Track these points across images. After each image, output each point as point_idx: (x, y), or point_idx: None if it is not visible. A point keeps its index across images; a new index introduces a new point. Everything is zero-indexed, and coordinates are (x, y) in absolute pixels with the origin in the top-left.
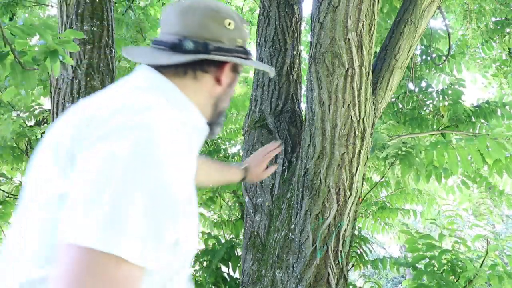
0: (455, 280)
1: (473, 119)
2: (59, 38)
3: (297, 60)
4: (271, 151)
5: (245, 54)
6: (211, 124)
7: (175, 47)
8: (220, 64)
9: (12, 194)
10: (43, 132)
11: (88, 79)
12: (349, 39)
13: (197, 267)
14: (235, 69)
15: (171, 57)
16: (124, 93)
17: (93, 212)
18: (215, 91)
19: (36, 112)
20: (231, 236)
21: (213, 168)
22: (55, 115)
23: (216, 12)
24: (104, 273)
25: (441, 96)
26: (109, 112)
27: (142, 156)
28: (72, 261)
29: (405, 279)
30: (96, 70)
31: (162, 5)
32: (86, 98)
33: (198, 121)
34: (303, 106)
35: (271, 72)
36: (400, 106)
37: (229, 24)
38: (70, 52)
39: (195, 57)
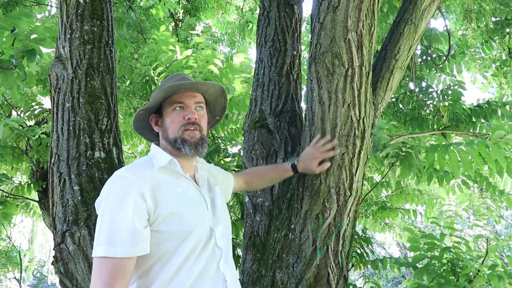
0: (455, 280)
1: (473, 119)
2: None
3: (297, 60)
4: (326, 151)
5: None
6: (178, 148)
7: None
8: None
9: (12, 194)
10: (43, 132)
11: (88, 79)
12: (349, 39)
13: None
14: (156, 115)
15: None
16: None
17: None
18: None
19: (36, 112)
20: None
21: (264, 170)
22: (55, 115)
23: None
24: (106, 264)
25: (441, 96)
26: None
27: (109, 213)
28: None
29: (405, 279)
30: (96, 70)
31: (164, 4)
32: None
33: (161, 159)
34: (303, 106)
35: None
36: (400, 106)
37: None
38: (70, 52)
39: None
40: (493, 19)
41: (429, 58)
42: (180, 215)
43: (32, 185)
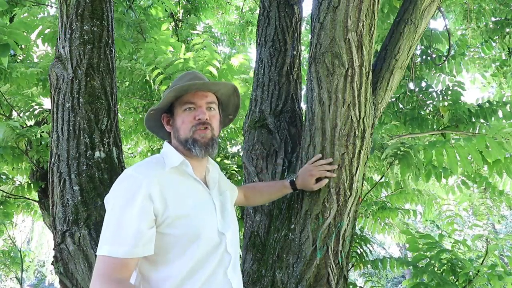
0: (455, 280)
1: (473, 119)
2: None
3: (297, 60)
4: (324, 170)
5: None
6: (189, 149)
7: None
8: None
9: (12, 194)
10: (43, 132)
11: (88, 79)
12: (349, 39)
13: None
14: (168, 115)
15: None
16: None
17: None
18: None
19: (36, 112)
20: None
21: (263, 186)
22: (55, 115)
23: None
24: (104, 262)
25: (441, 96)
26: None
27: (116, 213)
28: (98, 259)
29: (405, 279)
30: (96, 70)
31: (162, 3)
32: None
33: (173, 159)
34: (303, 106)
35: None
36: (400, 106)
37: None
38: (70, 52)
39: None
40: (493, 19)
41: (429, 58)
42: (188, 218)
43: (32, 185)
